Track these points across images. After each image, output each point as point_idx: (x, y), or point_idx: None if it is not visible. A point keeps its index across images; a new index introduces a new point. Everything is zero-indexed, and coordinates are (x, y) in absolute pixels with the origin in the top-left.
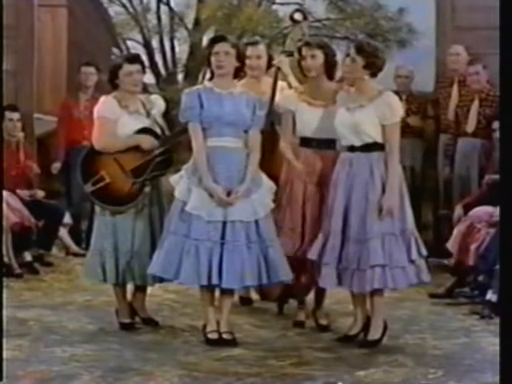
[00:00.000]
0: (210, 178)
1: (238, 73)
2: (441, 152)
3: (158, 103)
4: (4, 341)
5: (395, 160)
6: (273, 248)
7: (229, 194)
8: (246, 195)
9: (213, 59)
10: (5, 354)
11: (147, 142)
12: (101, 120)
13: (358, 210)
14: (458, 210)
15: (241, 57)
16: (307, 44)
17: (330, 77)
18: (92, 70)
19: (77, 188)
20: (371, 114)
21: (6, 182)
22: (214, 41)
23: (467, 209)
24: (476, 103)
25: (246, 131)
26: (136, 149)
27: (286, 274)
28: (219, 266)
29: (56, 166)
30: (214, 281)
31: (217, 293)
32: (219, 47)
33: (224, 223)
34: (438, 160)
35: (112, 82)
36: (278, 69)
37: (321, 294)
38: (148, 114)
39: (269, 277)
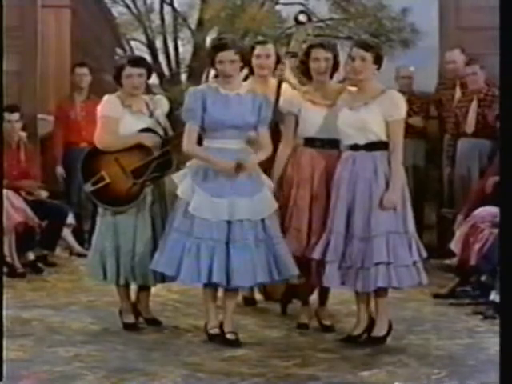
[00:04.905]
0: (211, 157)
1: (249, 73)
2: (444, 153)
3: (162, 103)
4: (7, 341)
5: (398, 158)
6: (280, 245)
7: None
8: (250, 195)
9: (218, 67)
10: (8, 354)
11: (149, 139)
12: (103, 119)
13: (362, 208)
14: (459, 219)
15: (245, 58)
16: (321, 46)
17: (331, 77)
18: (85, 70)
19: (76, 188)
20: (376, 111)
21: (6, 183)
22: (217, 49)
23: (469, 212)
24: (474, 103)
25: (253, 128)
26: (137, 149)
27: (294, 270)
28: (226, 265)
29: (60, 172)
30: (215, 279)
31: (220, 293)
32: (224, 57)
33: (229, 222)
34: (441, 161)
35: (117, 81)
36: (282, 69)
37: (324, 294)
38: (151, 114)
39: (279, 273)
